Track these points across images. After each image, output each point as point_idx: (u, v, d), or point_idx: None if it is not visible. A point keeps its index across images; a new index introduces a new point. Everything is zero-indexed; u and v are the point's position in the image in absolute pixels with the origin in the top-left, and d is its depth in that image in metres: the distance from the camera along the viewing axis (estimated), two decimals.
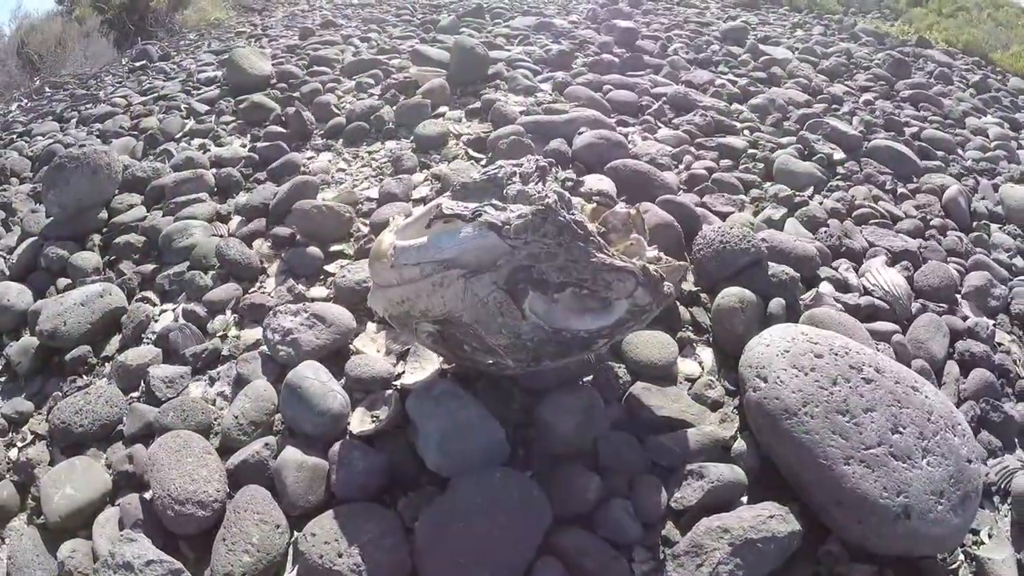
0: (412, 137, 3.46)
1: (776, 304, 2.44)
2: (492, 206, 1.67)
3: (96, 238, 3.04)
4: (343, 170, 3.30)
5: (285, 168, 3.26)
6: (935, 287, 2.83)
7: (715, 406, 2.14)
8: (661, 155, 3.41)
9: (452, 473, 1.76)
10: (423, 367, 2.13)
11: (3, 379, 2.54)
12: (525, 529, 1.63)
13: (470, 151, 3.31)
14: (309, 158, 3.42)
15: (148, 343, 2.51)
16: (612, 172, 3.03)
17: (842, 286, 2.73)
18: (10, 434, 2.29)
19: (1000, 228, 3.57)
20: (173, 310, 2.62)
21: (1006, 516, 2.13)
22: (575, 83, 4.13)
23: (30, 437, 2.26)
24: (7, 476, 2.12)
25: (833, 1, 7.76)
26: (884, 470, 1.77)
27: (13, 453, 2.20)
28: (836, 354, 2.00)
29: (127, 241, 2.95)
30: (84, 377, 2.45)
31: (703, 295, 2.54)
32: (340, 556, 1.59)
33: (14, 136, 4.16)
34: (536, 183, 1.75)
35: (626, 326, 1.76)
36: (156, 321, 2.59)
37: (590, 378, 2.10)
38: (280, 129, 3.67)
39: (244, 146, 3.62)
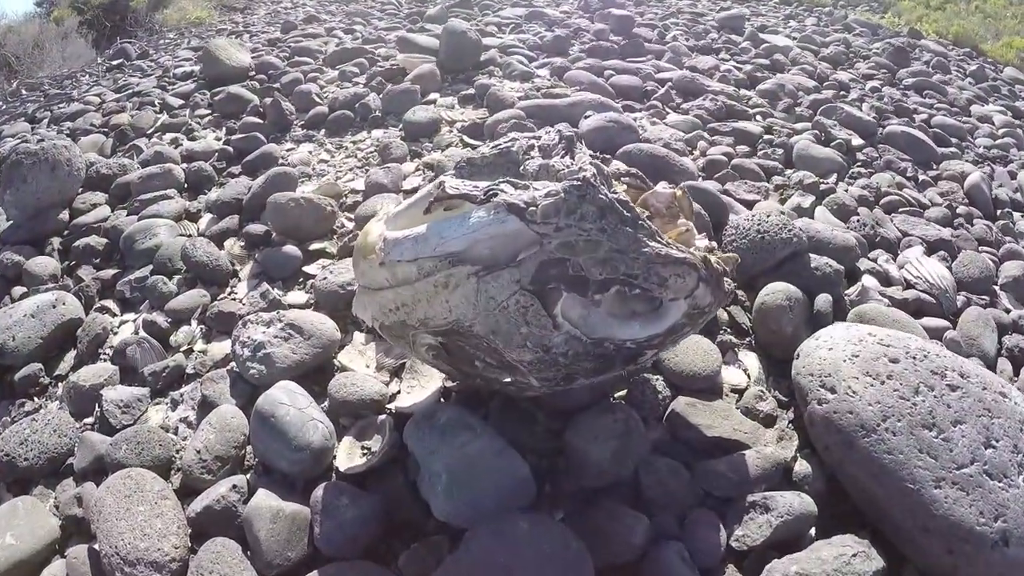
0: (401, 125, 3.07)
1: (823, 300, 2.12)
2: (509, 183, 1.28)
3: (56, 241, 2.63)
4: (325, 161, 2.90)
5: (262, 161, 2.86)
6: (975, 278, 2.56)
7: (769, 421, 1.80)
8: (675, 140, 3.06)
9: (465, 523, 1.36)
10: (422, 385, 1.75)
11: None
12: None
13: (465, 138, 2.92)
14: (288, 150, 3.02)
15: (105, 359, 2.12)
16: (626, 157, 2.66)
17: (883, 279, 2.45)
18: None
19: (1023, 216, 3.32)
20: (134, 321, 2.22)
21: None
22: (575, 68, 3.75)
23: None
24: None
25: None
26: (979, 492, 1.50)
27: None
28: (914, 358, 1.70)
29: (87, 244, 2.54)
30: (35, 400, 2.07)
31: (740, 292, 2.19)
32: None
33: None
34: (562, 156, 1.36)
35: (681, 333, 1.37)
36: (115, 334, 2.20)
37: (623, 393, 1.73)
38: (257, 120, 3.27)
39: (219, 139, 3.22)
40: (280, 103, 3.24)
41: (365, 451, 1.58)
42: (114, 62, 5.01)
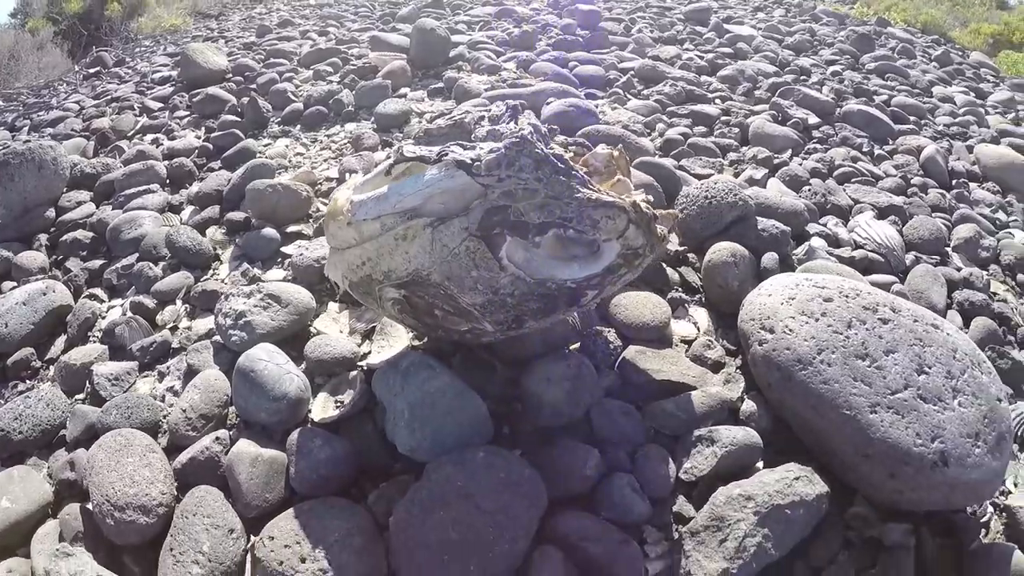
0: (373, 117, 3.18)
1: (769, 258, 2.25)
2: (459, 145, 1.41)
3: (43, 237, 2.74)
4: (301, 154, 3.02)
5: (240, 155, 2.97)
6: (925, 239, 2.70)
7: (716, 367, 1.93)
8: (633, 123, 3.21)
9: (427, 456, 1.48)
10: (391, 345, 1.86)
11: None
12: (517, 515, 1.36)
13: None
14: (266, 144, 3.13)
15: (95, 341, 2.22)
16: (586, 138, 2.79)
17: (833, 241, 2.58)
18: None
19: (979, 186, 3.47)
20: (121, 305, 2.32)
21: None
22: (540, 60, 3.88)
23: None
24: None
25: None
26: (915, 415, 1.59)
27: None
28: (847, 296, 1.81)
29: (74, 238, 2.65)
30: (27, 381, 2.16)
31: (691, 255, 2.34)
32: (303, 561, 1.32)
33: None
34: (508, 123, 1.49)
35: (618, 274, 1.50)
36: (103, 318, 2.30)
37: (576, 345, 1.85)
38: (235, 118, 3.38)
39: (198, 138, 3.32)
40: (257, 101, 3.35)
41: (338, 404, 1.69)
42: (91, 70, 5.08)
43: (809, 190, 2.89)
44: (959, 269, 2.64)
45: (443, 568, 1.28)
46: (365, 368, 1.79)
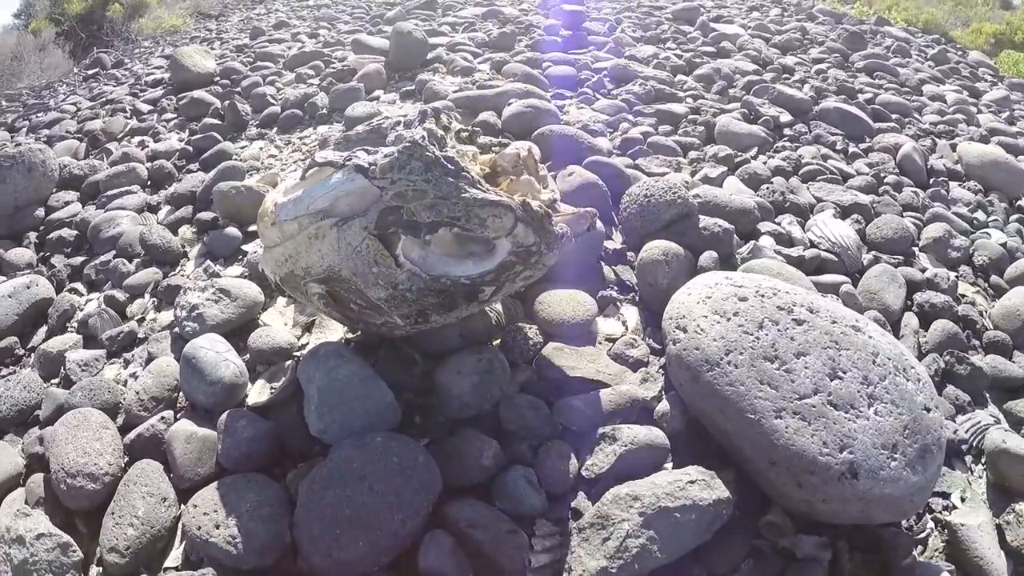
0: (343, 120, 3.41)
1: (707, 257, 2.31)
2: (365, 151, 1.61)
3: (32, 235, 3.00)
4: (274, 156, 3.26)
5: (217, 157, 3.22)
6: (889, 238, 2.72)
7: (637, 365, 1.99)
8: (594, 122, 3.37)
9: (335, 439, 1.65)
10: (328, 337, 2.08)
11: None
12: (409, 497, 1.49)
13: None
14: (242, 147, 3.38)
15: (72, 331, 2.47)
16: (540, 138, 2.96)
17: (786, 240, 2.64)
18: None
19: (960, 185, 3.49)
20: (97, 298, 2.58)
21: (980, 477, 1.93)
22: (513, 61, 4.07)
23: None
24: None
25: None
26: (822, 422, 1.55)
27: None
28: (762, 296, 1.80)
29: (60, 236, 2.92)
30: (10, 367, 2.41)
31: (630, 253, 2.45)
32: (217, 527, 1.53)
33: None
34: (414, 127, 1.69)
35: (514, 271, 1.67)
36: (81, 310, 2.56)
37: (498, 342, 1.99)
38: (216, 121, 3.63)
39: (181, 140, 3.57)
40: (236, 105, 3.60)
41: (273, 390, 1.91)
42: (90, 71, 5.40)
43: (768, 188, 2.95)
44: (924, 270, 2.63)
45: (336, 541, 1.43)
46: (300, 358, 2.01)
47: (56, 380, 2.25)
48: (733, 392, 1.61)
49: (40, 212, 3.09)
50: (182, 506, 1.66)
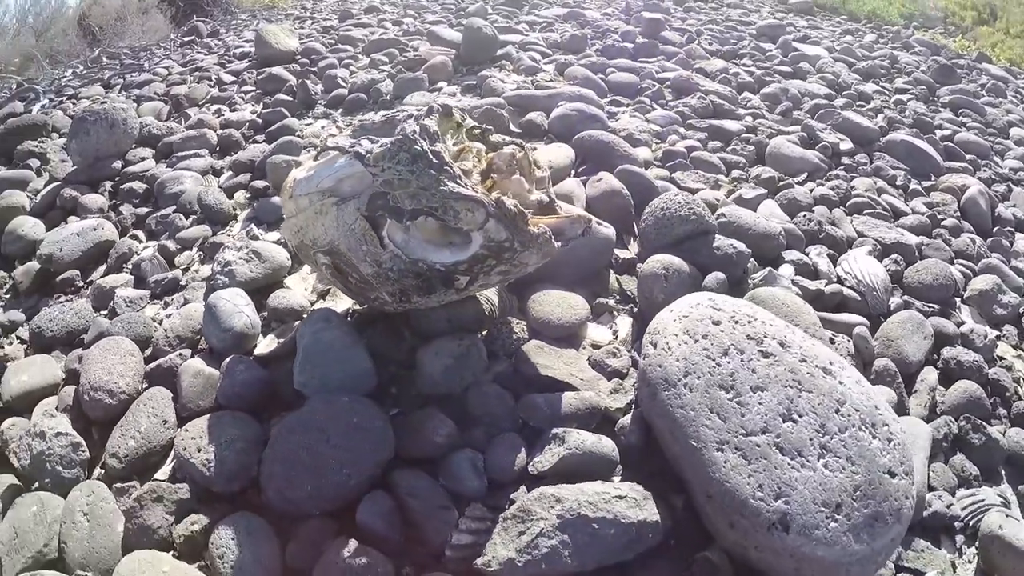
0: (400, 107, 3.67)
1: (713, 278, 2.32)
2: (369, 139, 1.85)
3: (107, 184, 3.40)
4: (332, 136, 3.53)
5: (281, 131, 3.54)
6: (927, 284, 2.63)
7: (613, 375, 2.06)
8: (640, 131, 3.45)
9: (312, 393, 1.88)
10: (338, 305, 2.33)
11: (8, 295, 2.91)
12: (359, 456, 1.68)
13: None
14: (307, 124, 3.69)
15: (126, 272, 2.83)
16: (578, 142, 3.11)
17: (810, 272, 2.61)
18: (1, 338, 2.64)
19: None
20: (153, 247, 2.93)
21: (970, 562, 1.82)
22: (577, 64, 4.24)
23: (16, 341, 2.60)
24: None
25: (895, 13, 7.47)
26: (763, 464, 1.50)
27: None
28: (736, 322, 1.78)
29: (130, 187, 3.30)
30: (69, 296, 2.79)
31: (640, 265, 2.44)
32: (199, 451, 1.80)
33: (63, 98, 4.66)
34: (420, 121, 1.90)
35: (487, 264, 1.82)
36: (137, 255, 2.91)
37: (486, 333, 2.13)
38: (287, 98, 3.97)
39: (254, 112, 3.93)
40: (307, 84, 3.93)
41: (278, 345, 2.18)
42: (186, 39, 5.92)
43: (805, 216, 2.91)
44: (960, 324, 2.54)
45: (288, 481, 1.66)
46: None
47: (104, 312, 2.59)
48: (683, 416, 1.61)
49: (117, 164, 3.49)
50: (179, 430, 1.94)
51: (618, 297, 2.42)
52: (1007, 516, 1.85)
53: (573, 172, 3.03)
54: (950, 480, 2.02)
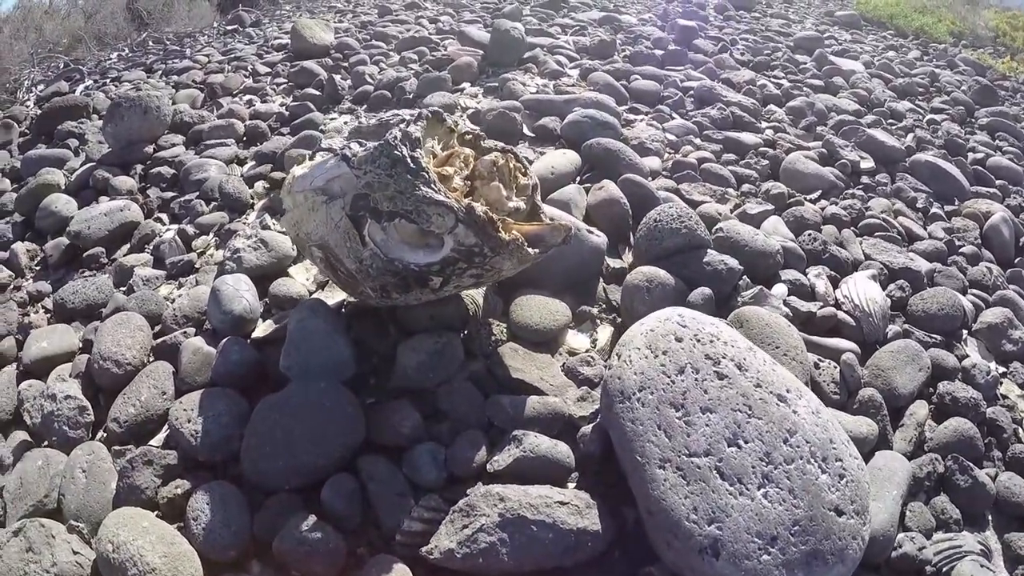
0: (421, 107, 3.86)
1: (698, 294, 2.35)
2: (358, 143, 2.03)
3: (138, 167, 3.67)
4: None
5: (306, 125, 3.76)
6: (931, 313, 2.57)
7: (585, 383, 2.14)
8: (652, 140, 3.52)
9: (294, 376, 2.05)
10: (333, 296, 2.52)
11: (39, 267, 3.20)
12: (329, 439, 1.84)
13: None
14: (331, 119, 3.91)
15: (147, 252, 3.07)
16: (586, 149, 3.22)
17: (807, 293, 2.59)
18: (28, 307, 2.91)
19: None
20: (175, 230, 3.18)
21: None
22: (601, 69, 4.36)
23: (41, 310, 2.87)
24: (13, 335, 2.72)
25: (943, 30, 7.36)
26: (701, 487, 1.53)
27: (24, 320, 2.82)
28: (699, 340, 1.81)
29: (159, 172, 3.56)
30: (94, 272, 3.04)
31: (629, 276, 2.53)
32: (188, 422, 2.00)
33: (107, 80, 4.99)
34: (411, 127, 2.08)
35: (458, 267, 1.94)
36: (159, 237, 3.15)
37: (466, 332, 2.26)
38: (316, 92, 4.19)
39: (283, 105, 4.17)
40: (335, 79, 4.15)
41: (274, 330, 2.39)
42: (229, 27, 6.23)
43: (810, 235, 2.88)
44: (963, 357, 2.48)
45: (263, 454, 1.84)
46: None
47: (123, 288, 2.83)
48: (632, 430, 1.66)
49: (149, 149, 3.75)
50: (175, 402, 2.15)
51: (603, 306, 2.50)
52: (981, 567, 1.79)
53: (578, 179, 3.16)
54: (927, 521, 1.96)
